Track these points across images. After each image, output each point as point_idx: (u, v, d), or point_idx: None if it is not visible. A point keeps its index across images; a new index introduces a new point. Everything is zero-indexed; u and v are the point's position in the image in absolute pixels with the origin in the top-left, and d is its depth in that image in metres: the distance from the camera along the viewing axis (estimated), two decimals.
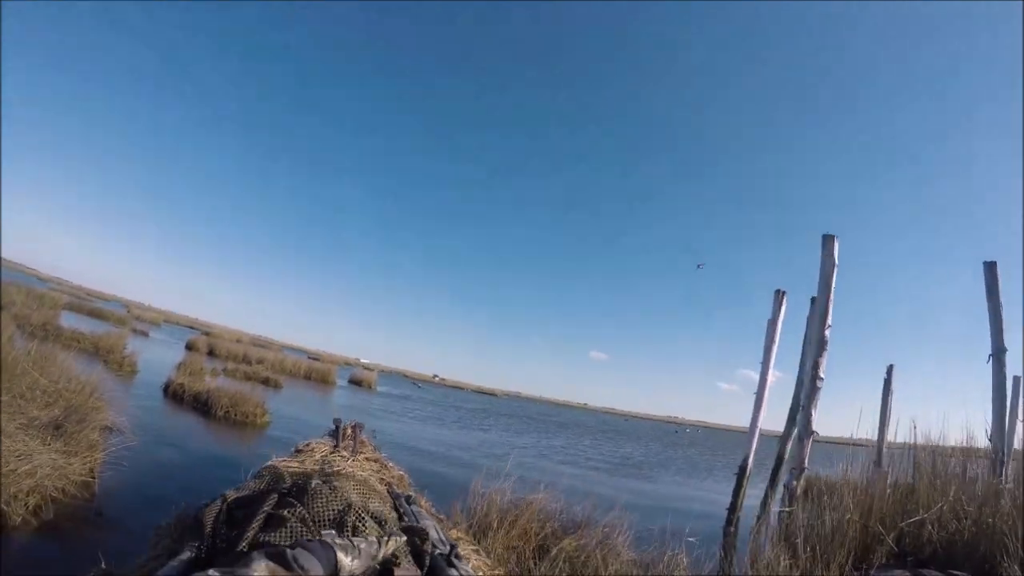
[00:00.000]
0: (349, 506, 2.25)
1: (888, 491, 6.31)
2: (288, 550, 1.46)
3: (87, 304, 43.21)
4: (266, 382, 23.59)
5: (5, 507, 4.52)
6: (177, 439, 9.49)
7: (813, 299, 10.49)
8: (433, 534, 2.58)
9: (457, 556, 2.27)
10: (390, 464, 4.97)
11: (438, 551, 2.27)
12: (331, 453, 4.65)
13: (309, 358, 73.61)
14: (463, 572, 2.13)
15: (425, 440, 17.00)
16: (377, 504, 2.62)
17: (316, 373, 34.44)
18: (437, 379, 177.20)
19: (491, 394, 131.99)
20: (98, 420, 6.92)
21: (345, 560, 1.63)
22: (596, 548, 5.35)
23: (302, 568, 1.40)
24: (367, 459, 4.79)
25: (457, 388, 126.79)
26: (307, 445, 5.47)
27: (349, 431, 5.65)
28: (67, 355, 10.19)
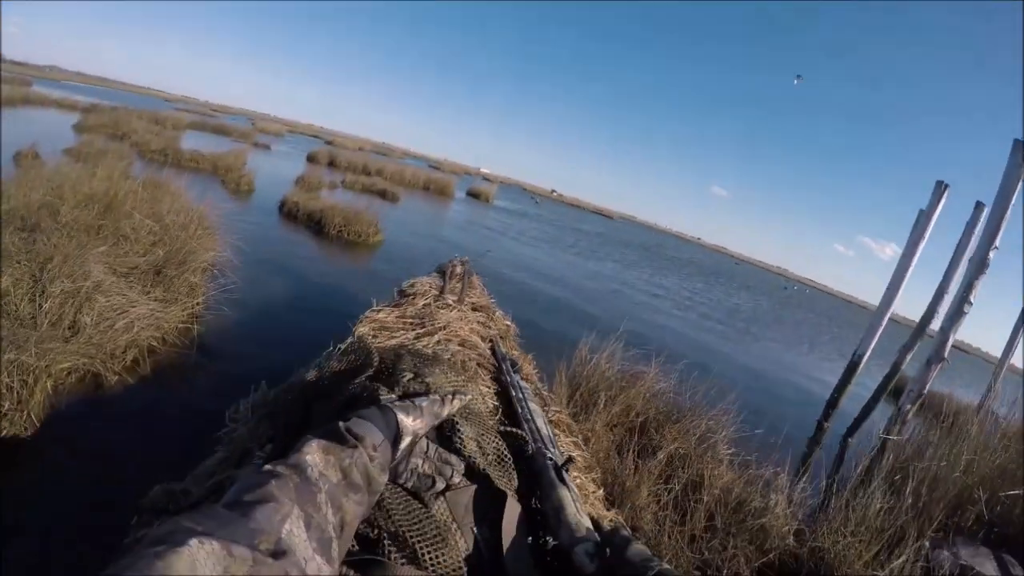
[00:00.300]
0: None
1: (999, 443, 5.68)
2: (341, 423, 1.36)
3: (211, 121, 44.20)
4: (383, 195, 23.89)
5: (101, 367, 4.47)
6: (286, 268, 9.43)
7: (978, 204, 9.08)
8: (543, 427, 2.47)
9: (567, 470, 2.08)
10: (497, 314, 4.74)
11: (549, 458, 2.11)
12: (436, 300, 4.40)
13: (430, 167, 74.71)
14: (572, 493, 1.94)
15: (537, 271, 16.45)
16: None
17: (435, 185, 34.75)
18: (555, 194, 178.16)
19: (607, 216, 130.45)
20: (201, 260, 6.82)
21: (407, 420, 1.59)
22: (696, 447, 4.92)
23: (357, 438, 1.32)
24: (474, 307, 4.57)
25: (574, 206, 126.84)
26: (412, 285, 5.19)
27: (458, 269, 5.41)
28: (181, 183, 10.20)
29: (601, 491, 2.79)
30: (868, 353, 10.59)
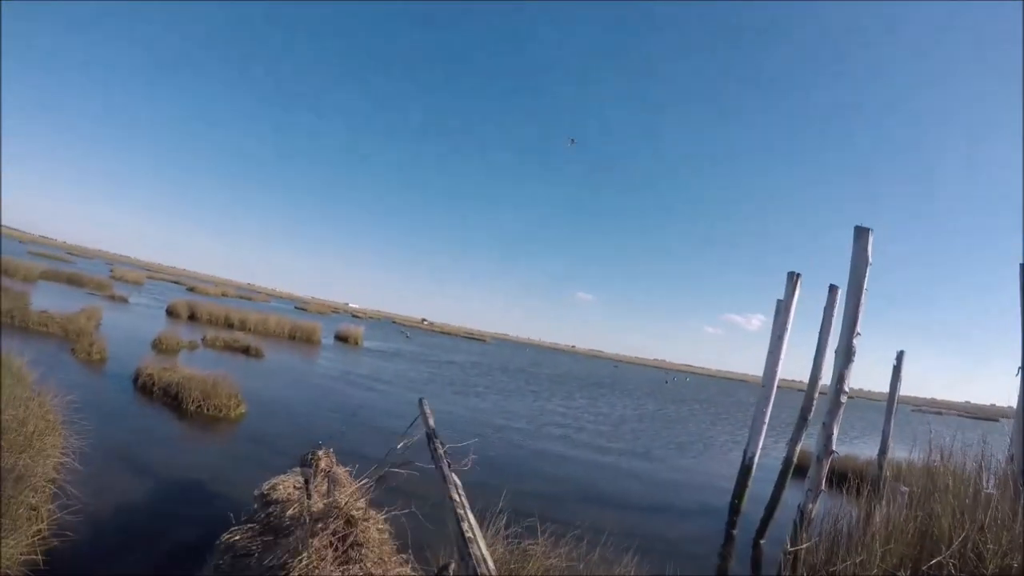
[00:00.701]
0: None
1: (905, 517, 5.76)
2: None
3: (66, 269, 42.43)
4: (247, 351, 23.28)
5: None
6: (140, 463, 8.67)
7: (831, 287, 10.12)
8: None
9: None
10: (371, 518, 4.57)
11: None
12: (299, 506, 4.30)
13: (296, 308, 73.26)
14: None
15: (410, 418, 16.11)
16: None
17: (301, 332, 34.50)
18: (426, 323, 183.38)
19: (480, 339, 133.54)
20: (42, 473, 6.27)
21: None
22: None
23: None
24: (342, 512, 4.33)
25: (446, 334, 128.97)
26: (273, 488, 5.02)
27: (323, 463, 5.30)
28: (27, 355, 9.64)
29: None
30: (757, 454, 10.92)
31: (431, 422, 1.97)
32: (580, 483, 12.23)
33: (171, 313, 32.29)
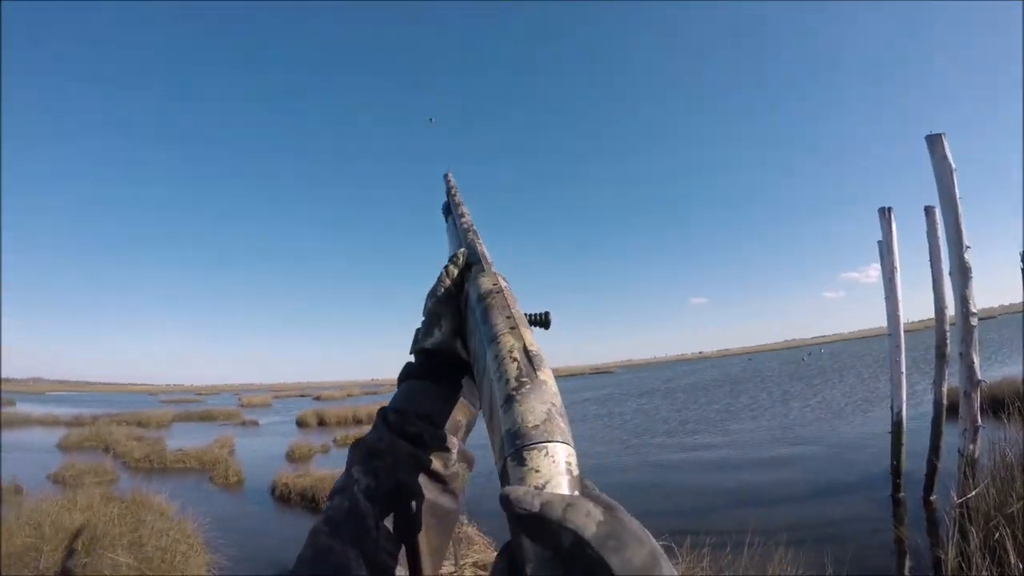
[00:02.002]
0: None
1: None
2: None
3: (197, 409, 45.22)
4: None
5: None
6: (284, 561, 9.22)
7: (927, 209, 9.61)
8: None
9: None
10: None
11: None
12: None
13: None
14: None
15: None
16: None
17: None
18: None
19: (607, 371, 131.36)
20: None
21: None
22: None
23: None
24: None
25: (570, 376, 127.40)
26: None
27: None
28: (166, 491, 10.39)
29: None
30: (903, 406, 10.36)
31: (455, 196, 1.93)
32: (716, 486, 12.10)
33: (301, 424, 33.53)
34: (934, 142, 7.46)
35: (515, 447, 0.51)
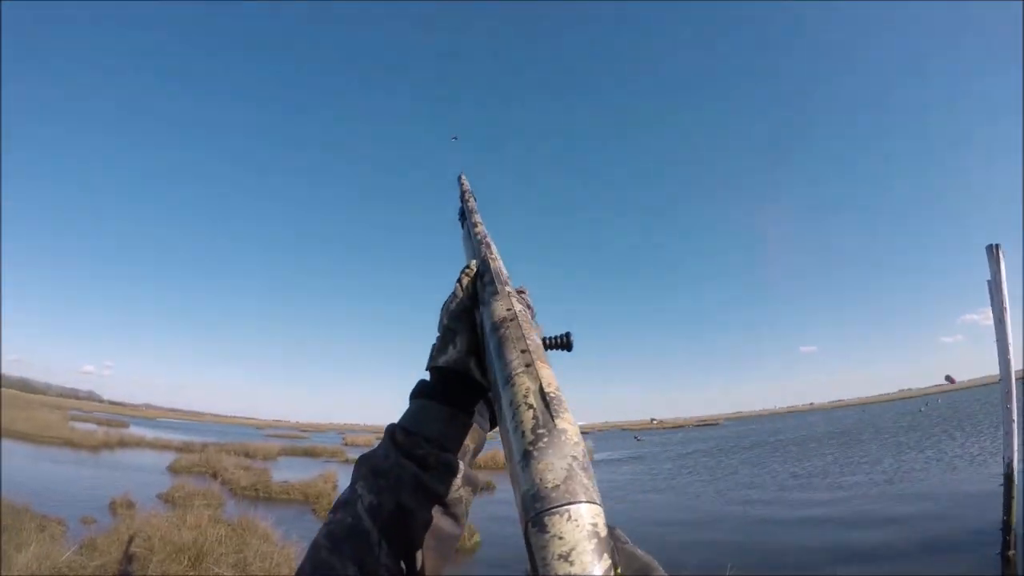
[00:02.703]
0: None
1: None
2: None
3: (301, 445, 46.86)
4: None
5: None
6: None
7: None
8: None
9: None
10: None
11: None
12: None
13: None
14: None
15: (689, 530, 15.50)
16: None
17: None
18: (655, 423, 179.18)
19: (714, 423, 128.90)
20: None
21: None
22: None
23: None
24: None
25: (678, 427, 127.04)
26: None
27: None
28: (271, 519, 10.63)
29: None
30: (1015, 457, 9.90)
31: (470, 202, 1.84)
32: (820, 544, 11.79)
33: None
34: None
35: (535, 511, 0.48)
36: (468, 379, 0.89)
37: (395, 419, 0.87)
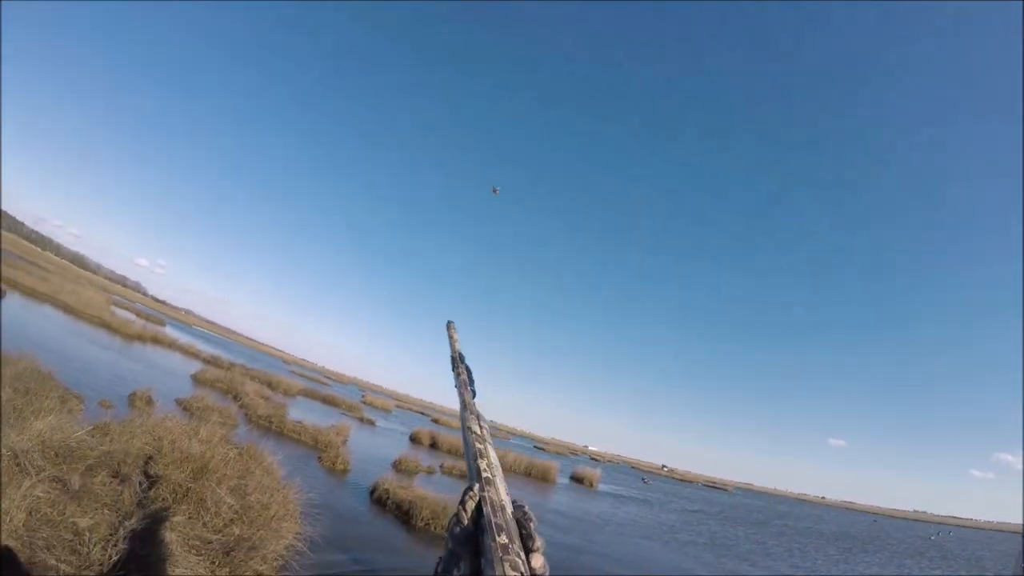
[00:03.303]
0: None
1: None
2: None
3: (323, 391, 47.19)
4: None
5: None
6: (364, 558, 9.43)
7: None
8: None
9: None
10: None
11: None
12: None
13: (535, 447, 73.92)
14: None
15: None
16: None
17: (536, 470, 34.83)
18: (665, 470, 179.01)
19: (723, 488, 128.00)
20: (273, 549, 6.92)
21: None
22: None
23: None
24: None
25: (686, 481, 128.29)
26: None
27: None
28: (277, 456, 10.72)
29: None
30: None
31: (457, 346, 1.79)
32: None
33: (414, 439, 34.30)
34: None
35: None
36: None
37: (412, 384, 0.84)
